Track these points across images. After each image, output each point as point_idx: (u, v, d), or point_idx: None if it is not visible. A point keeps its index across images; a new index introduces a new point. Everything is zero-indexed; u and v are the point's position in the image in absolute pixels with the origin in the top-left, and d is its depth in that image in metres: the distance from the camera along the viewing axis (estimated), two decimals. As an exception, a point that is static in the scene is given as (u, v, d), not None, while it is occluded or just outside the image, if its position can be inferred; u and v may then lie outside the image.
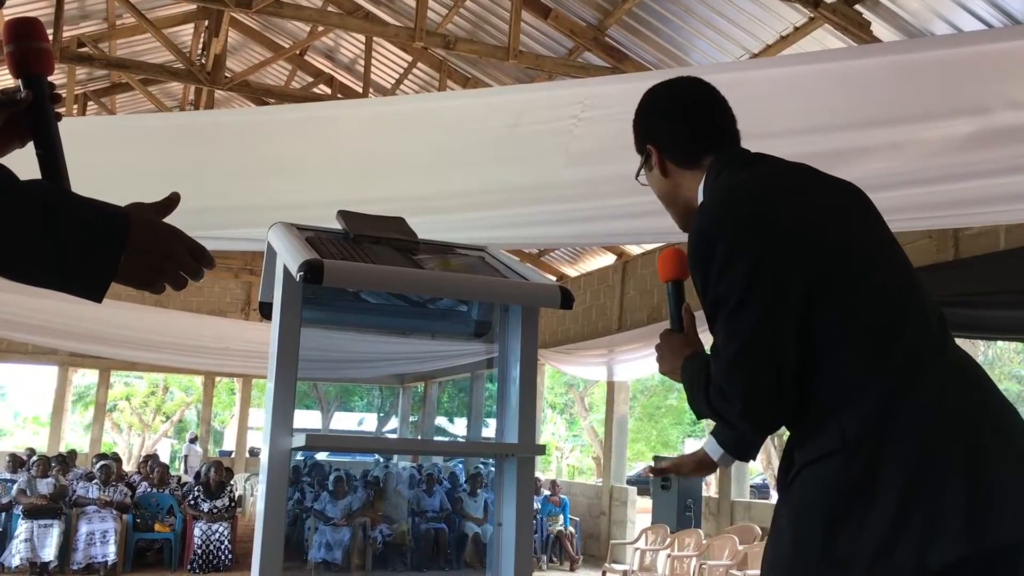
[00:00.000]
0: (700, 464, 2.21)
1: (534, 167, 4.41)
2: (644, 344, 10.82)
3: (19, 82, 1.50)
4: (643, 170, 1.99)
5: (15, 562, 8.50)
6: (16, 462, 11.71)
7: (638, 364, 11.32)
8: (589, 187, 4.47)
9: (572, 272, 14.35)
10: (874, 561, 1.47)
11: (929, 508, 1.45)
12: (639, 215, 4.86)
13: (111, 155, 4.57)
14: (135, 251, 1.23)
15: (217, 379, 22.99)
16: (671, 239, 9.70)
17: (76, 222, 1.16)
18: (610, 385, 12.54)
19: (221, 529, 9.43)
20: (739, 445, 2.11)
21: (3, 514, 9.01)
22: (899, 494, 1.47)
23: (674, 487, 10.00)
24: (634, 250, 12.32)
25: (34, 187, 1.18)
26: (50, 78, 1.55)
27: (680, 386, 1.86)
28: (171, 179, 4.71)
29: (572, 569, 10.68)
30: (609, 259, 13.15)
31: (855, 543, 1.49)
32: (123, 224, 1.21)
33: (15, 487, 9.22)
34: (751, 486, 10.62)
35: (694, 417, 32.06)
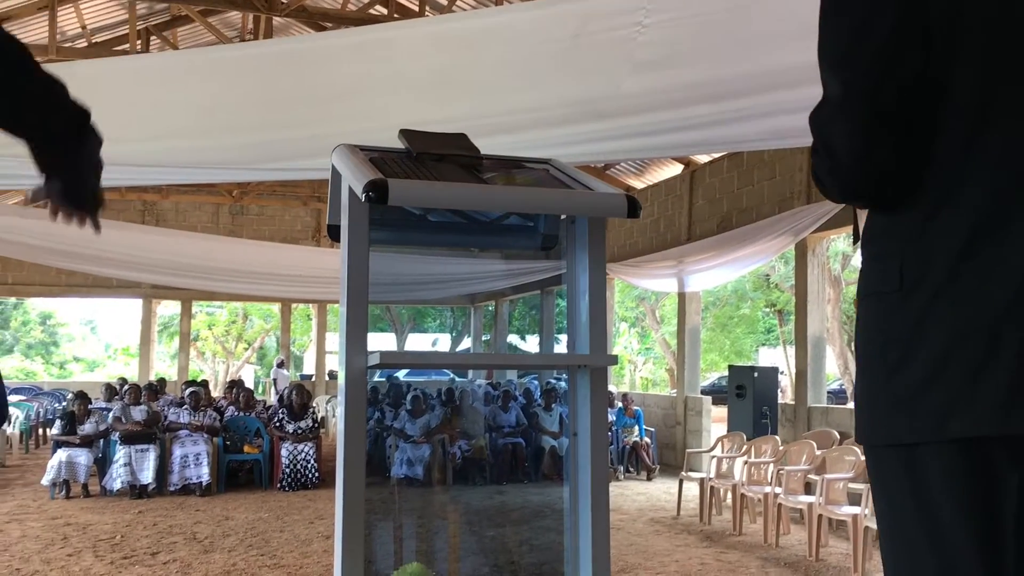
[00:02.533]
0: None
1: (597, 79, 4.32)
2: (715, 254, 10.70)
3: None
4: None
5: (116, 485, 8.97)
6: (110, 391, 12.28)
7: (709, 274, 11.21)
8: (655, 97, 4.37)
9: (639, 184, 14.17)
10: (901, 410, 1.40)
11: (968, 371, 1.33)
12: (708, 125, 4.75)
13: (176, 90, 4.62)
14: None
15: (294, 306, 23.58)
16: (741, 147, 9.49)
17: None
18: (681, 296, 12.47)
19: (307, 449, 9.77)
20: None
21: (102, 441, 9.48)
22: (943, 347, 1.35)
23: (749, 395, 9.98)
24: (702, 159, 12.08)
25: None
26: (110, 16, 1.68)
27: (754, 296, 1.76)
28: (235, 110, 4.77)
29: (649, 478, 10.82)
30: (676, 169, 12.93)
31: (896, 388, 1.41)
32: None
33: (111, 415, 9.66)
34: (828, 392, 10.53)
35: (767, 326, 31.47)
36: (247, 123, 4.71)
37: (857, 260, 20.64)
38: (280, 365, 20.92)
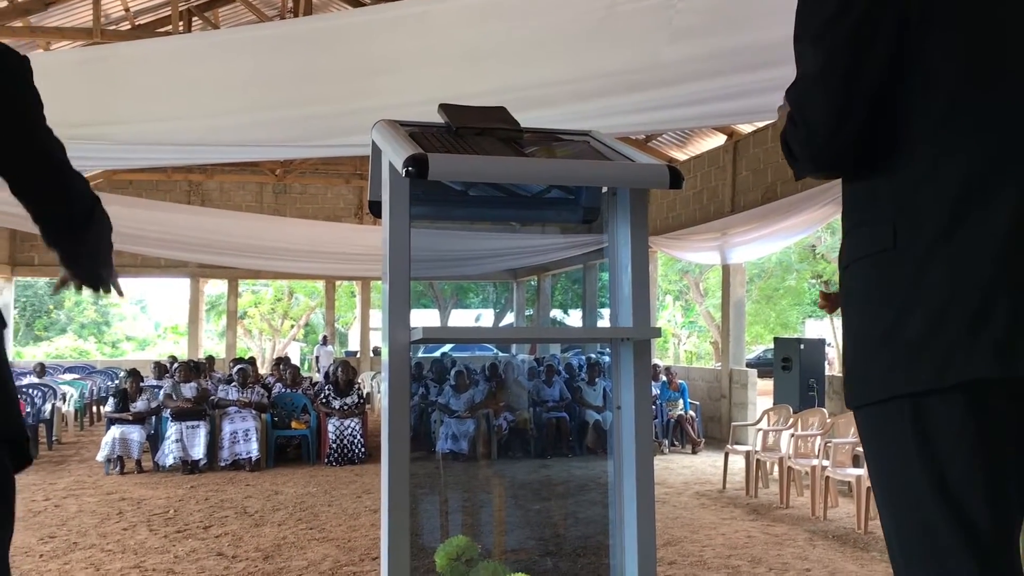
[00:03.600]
0: None
1: (634, 49, 4.27)
2: (759, 225, 10.57)
3: None
4: None
5: (169, 461, 9.16)
6: (161, 369, 12.52)
7: (753, 246, 11.08)
8: (694, 66, 4.30)
9: (681, 155, 14.03)
10: (900, 363, 1.46)
11: (965, 322, 1.41)
12: (750, 93, 4.66)
13: (218, 69, 4.65)
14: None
15: (338, 283, 23.80)
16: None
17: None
18: (725, 268, 12.35)
19: (353, 424, 9.89)
20: None
21: (154, 418, 9.67)
22: (940, 302, 1.43)
23: (795, 367, 9.87)
24: (745, 128, 11.91)
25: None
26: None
27: (799, 268, 1.80)
28: (275, 88, 4.79)
29: (694, 452, 10.79)
30: (719, 139, 12.77)
31: (894, 343, 1.47)
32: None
33: (162, 392, 9.86)
34: (876, 364, 10.36)
35: (813, 298, 31.33)
36: (288, 100, 4.73)
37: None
38: (324, 342, 21.14)
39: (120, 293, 1.93)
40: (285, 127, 5.10)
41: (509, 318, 29.10)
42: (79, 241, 1.75)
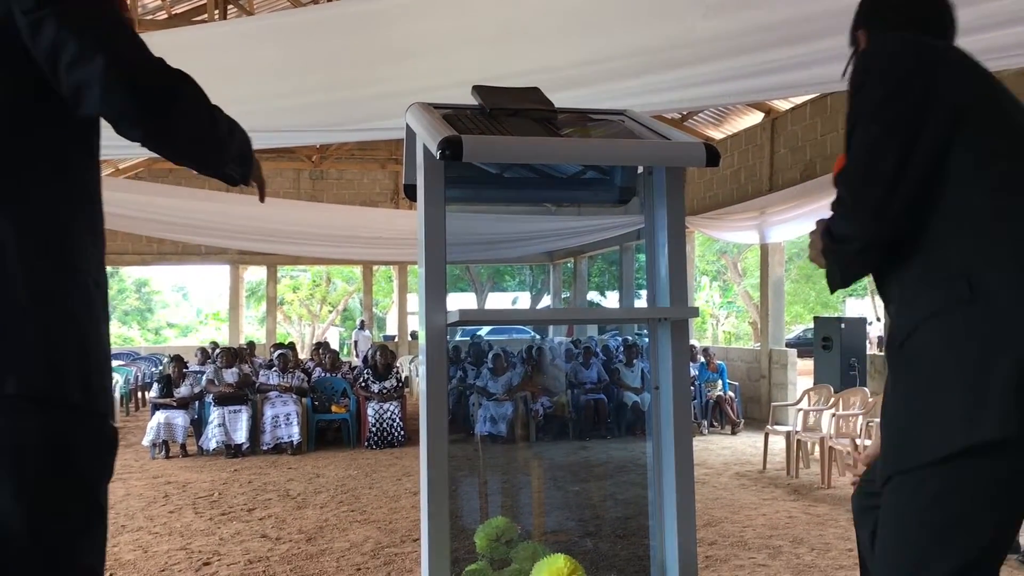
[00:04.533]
0: None
1: (669, 25, 4.22)
2: (797, 203, 10.43)
3: None
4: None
5: (212, 445, 9.30)
6: (203, 355, 12.70)
7: (792, 225, 10.94)
8: (730, 42, 4.24)
9: (718, 134, 13.88)
10: (987, 410, 1.49)
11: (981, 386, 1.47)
12: (787, 68, 4.59)
13: (253, 55, 4.68)
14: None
15: (375, 268, 23.93)
16: (825, 89, 9.19)
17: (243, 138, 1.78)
18: (763, 248, 12.22)
19: (392, 408, 9.95)
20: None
21: (197, 402, 9.82)
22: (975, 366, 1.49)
23: (836, 346, 9.76)
24: (783, 105, 11.75)
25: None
26: None
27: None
28: (310, 73, 4.81)
29: (734, 432, 10.72)
30: (756, 117, 12.61)
31: (983, 389, 1.50)
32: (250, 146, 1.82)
33: (204, 378, 10.00)
34: (919, 342, 10.19)
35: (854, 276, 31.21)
36: (322, 85, 4.75)
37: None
38: (361, 327, 21.28)
39: (260, 189, 1.94)
40: (320, 112, 5.13)
41: (546, 301, 29.08)
42: (169, 136, 1.52)
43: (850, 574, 4.77)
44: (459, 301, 30.42)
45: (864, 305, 28.53)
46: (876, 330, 20.91)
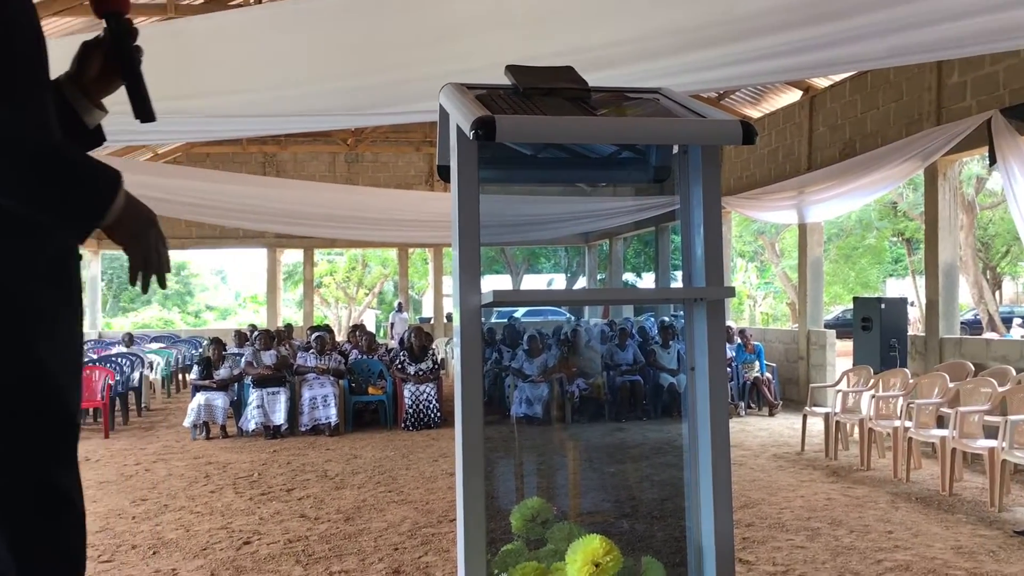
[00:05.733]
0: None
1: (706, 3, 4.17)
2: (837, 182, 10.29)
3: (102, 21, 1.66)
4: None
5: (251, 426, 9.43)
6: (241, 337, 12.85)
7: (831, 204, 10.79)
8: (768, 19, 4.18)
9: (755, 113, 13.71)
10: None
11: None
12: (826, 45, 4.52)
13: (288, 39, 4.69)
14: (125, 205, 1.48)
15: (410, 250, 24.03)
16: (865, 67, 9.01)
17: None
18: (802, 228, 12.08)
19: (428, 390, 10.02)
20: None
21: (236, 384, 9.95)
22: None
23: (876, 328, 9.64)
24: (822, 83, 11.57)
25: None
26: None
27: (880, 225, 1.76)
28: (344, 56, 4.81)
29: (771, 414, 10.65)
30: (795, 95, 12.44)
31: None
32: (117, 176, 1.46)
33: (243, 360, 10.13)
34: (961, 322, 10.05)
35: (895, 256, 30.43)
36: (356, 69, 4.76)
37: (993, 183, 19.44)
38: (398, 309, 21.40)
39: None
40: (354, 95, 5.13)
41: (581, 282, 29.03)
42: None
43: (889, 556, 4.73)
44: (494, 283, 30.46)
45: (904, 285, 28.13)
46: (916, 311, 20.60)
